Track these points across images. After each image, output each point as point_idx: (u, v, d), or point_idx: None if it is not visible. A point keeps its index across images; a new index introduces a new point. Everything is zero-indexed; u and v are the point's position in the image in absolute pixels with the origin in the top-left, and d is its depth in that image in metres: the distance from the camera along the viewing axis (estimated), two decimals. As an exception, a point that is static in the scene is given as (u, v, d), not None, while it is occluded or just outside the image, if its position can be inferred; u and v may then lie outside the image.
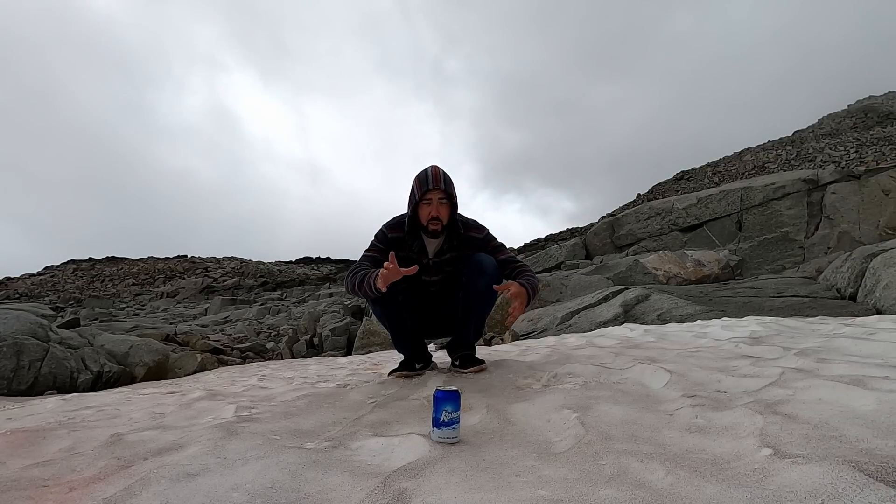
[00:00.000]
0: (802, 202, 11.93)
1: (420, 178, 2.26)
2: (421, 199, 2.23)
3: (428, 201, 2.24)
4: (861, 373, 1.69)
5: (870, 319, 3.24)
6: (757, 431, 1.27)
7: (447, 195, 2.25)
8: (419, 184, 2.25)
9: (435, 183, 2.22)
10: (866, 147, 19.93)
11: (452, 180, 2.29)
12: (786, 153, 22.33)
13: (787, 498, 0.93)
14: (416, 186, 2.26)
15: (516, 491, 1.08)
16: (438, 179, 2.23)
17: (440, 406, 1.43)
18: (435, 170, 2.26)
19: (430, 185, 2.21)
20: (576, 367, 2.22)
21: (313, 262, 48.26)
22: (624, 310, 5.19)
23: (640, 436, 1.37)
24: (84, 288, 34.60)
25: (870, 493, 0.88)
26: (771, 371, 1.84)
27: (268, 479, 1.19)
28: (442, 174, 2.25)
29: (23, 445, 1.56)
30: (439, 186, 2.22)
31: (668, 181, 24.89)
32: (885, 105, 26.90)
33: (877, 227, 10.80)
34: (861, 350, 2.10)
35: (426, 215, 2.25)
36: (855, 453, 1.07)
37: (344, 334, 8.41)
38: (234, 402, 2.13)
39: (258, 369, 4.84)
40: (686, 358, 2.26)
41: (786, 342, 2.50)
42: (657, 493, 1.01)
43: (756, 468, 1.07)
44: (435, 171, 2.26)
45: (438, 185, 2.22)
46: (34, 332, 4.98)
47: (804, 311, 4.42)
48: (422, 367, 2.50)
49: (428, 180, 2.23)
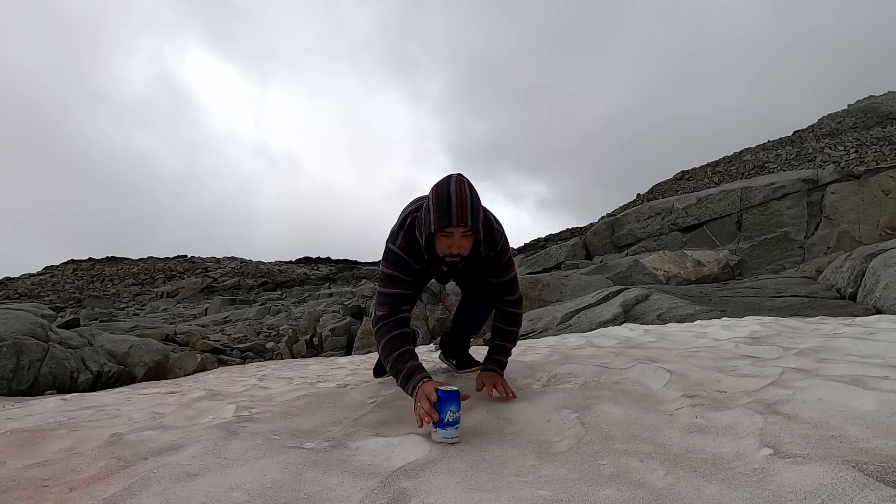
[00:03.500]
0: (802, 202, 11.93)
1: (441, 204, 1.67)
2: (438, 230, 1.70)
3: (447, 234, 1.70)
4: (861, 372, 1.69)
5: (870, 319, 3.24)
6: (757, 431, 1.27)
7: (473, 229, 1.71)
8: (438, 212, 1.68)
9: (460, 219, 1.66)
10: (866, 147, 19.93)
11: (479, 197, 1.75)
12: (786, 153, 22.34)
13: (787, 498, 0.93)
14: (433, 211, 1.69)
15: (516, 491, 1.08)
16: (465, 214, 1.67)
17: (444, 406, 1.43)
18: (461, 194, 1.68)
19: (454, 221, 1.66)
20: (576, 367, 2.21)
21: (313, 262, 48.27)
22: (624, 310, 5.19)
23: (640, 436, 1.37)
24: (84, 288, 34.60)
25: (870, 493, 0.88)
26: (771, 371, 1.84)
27: (268, 478, 1.19)
28: (469, 203, 1.68)
29: (23, 445, 1.56)
30: (465, 223, 1.67)
31: (668, 181, 24.89)
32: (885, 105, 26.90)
33: (877, 227, 10.80)
34: (861, 350, 2.10)
35: (443, 248, 1.74)
36: (855, 453, 1.07)
37: (344, 334, 8.41)
38: (234, 402, 2.13)
39: (258, 369, 4.84)
40: (686, 358, 2.25)
41: (786, 342, 2.50)
42: (657, 493, 1.01)
43: (756, 468, 1.07)
44: (461, 196, 1.68)
45: (464, 221, 1.67)
46: (34, 332, 4.98)
47: (804, 310, 4.42)
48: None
49: (451, 213, 1.66)
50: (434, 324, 8.25)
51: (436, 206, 1.68)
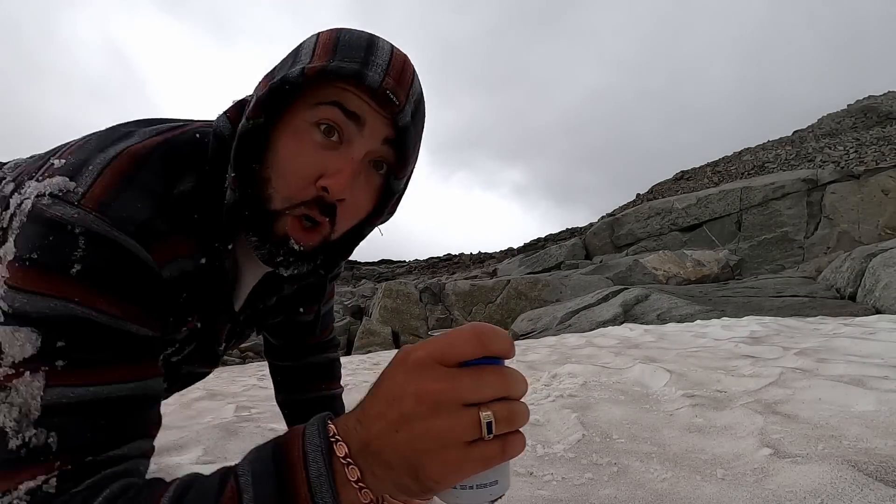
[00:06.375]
0: (802, 202, 11.94)
1: (346, 41, 0.58)
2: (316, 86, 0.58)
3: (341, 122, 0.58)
4: (861, 372, 1.69)
5: (869, 319, 3.24)
6: (757, 431, 1.27)
7: (400, 146, 0.63)
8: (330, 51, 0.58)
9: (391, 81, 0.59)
10: (866, 147, 19.93)
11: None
12: (785, 153, 22.35)
13: (786, 498, 0.93)
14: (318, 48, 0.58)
15: (516, 491, 1.08)
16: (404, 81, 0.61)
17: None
18: (398, 55, 0.63)
19: (376, 77, 0.57)
20: (576, 366, 2.21)
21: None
22: (624, 310, 5.19)
23: (640, 436, 1.37)
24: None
25: (870, 493, 0.88)
26: (771, 371, 1.84)
27: (268, 478, 1.19)
28: (411, 78, 0.64)
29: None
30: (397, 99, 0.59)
31: (668, 181, 24.89)
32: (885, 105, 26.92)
33: (876, 227, 10.81)
34: (861, 350, 2.10)
35: (309, 171, 0.58)
36: (855, 453, 1.08)
37: (344, 334, 8.41)
38: (234, 402, 2.13)
39: (258, 369, 4.83)
40: (686, 358, 2.26)
41: (785, 342, 2.50)
42: (657, 493, 1.01)
43: (756, 468, 1.07)
44: (397, 57, 0.63)
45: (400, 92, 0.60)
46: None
47: (804, 310, 4.43)
48: None
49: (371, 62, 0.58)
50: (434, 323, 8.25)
51: (325, 45, 0.58)
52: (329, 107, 0.55)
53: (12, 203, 0.52)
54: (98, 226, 0.48)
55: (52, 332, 0.46)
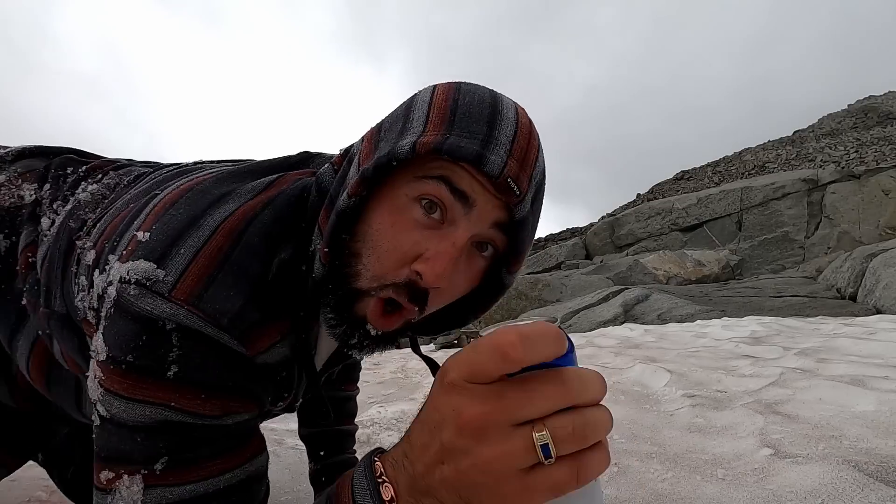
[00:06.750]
0: (802, 202, 11.94)
1: (456, 109, 0.51)
2: (425, 161, 0.53)
3: (449, 201, 0.52)
4: (861, 372, 1.69)
5: (870, 319, 3.24)
6: (757, 431, 1.27)
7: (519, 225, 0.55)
8: (444, 122, 0.51)
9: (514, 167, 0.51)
10: (866, 147, 19.93)
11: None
12: (786, 153, 22.34)
13: (787, 498, 0.93)
14: (432, 116, 0.52)
15: (516, 491, 1.08)
16: (528, 163, 0.53)
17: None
18: (525, 121, 0.56)
19: (498, 162, 0.49)
20: (576, 366, 2.22)
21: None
22: (624, 310, 5.20)
23: (640, 435, 1.37)
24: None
25: (870, 493, 0.88)
26: (771, 371, 1.84)
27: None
28: (537, 153, 0.57)
29: (23, 445, 1.56)
30: (519, 186, 0.51)
31: (668, 181, 24.90)
32: (885, 105, 26.91)
33: (877, 227, 10.81)
34: (861, 350, 2.10)
35: (407, 251, 0.52)
36: (855, 453, 1.08)
37: (344, 334, 8.42)
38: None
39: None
40: (686, 358, 2.26)
41: (786, 342, 2.50)
42: (657, 493, 1.01)
43: (756, 468, 1.07)
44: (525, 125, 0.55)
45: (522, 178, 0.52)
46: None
47: (804, 310, 4.43)
48: None
49: (494, 140, 0.50)
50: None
51: (442, 112, 0.51)
52: (435, 182, 0.48)
53: (97, 283, 0.50)
54: (191, 320, 0.46)
55: (150, 437, 0.46)
